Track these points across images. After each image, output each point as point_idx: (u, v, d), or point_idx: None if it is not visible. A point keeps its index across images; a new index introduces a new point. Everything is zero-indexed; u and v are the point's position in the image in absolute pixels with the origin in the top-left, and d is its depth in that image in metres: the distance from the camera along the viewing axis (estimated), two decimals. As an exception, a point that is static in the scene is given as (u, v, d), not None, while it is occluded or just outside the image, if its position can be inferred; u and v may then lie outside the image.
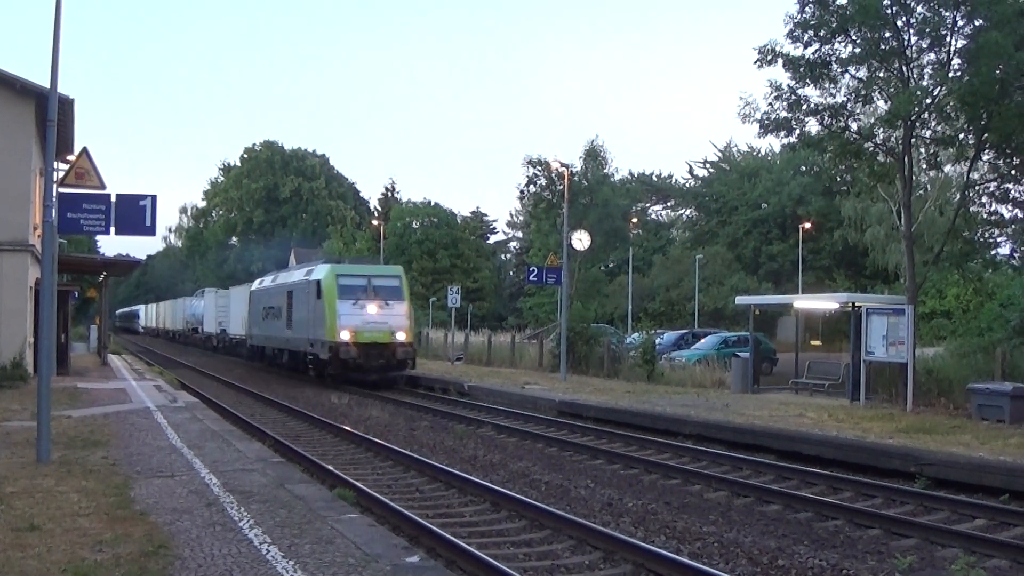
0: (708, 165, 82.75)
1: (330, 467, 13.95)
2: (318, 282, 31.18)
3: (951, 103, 20.71)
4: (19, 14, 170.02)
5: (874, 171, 24.16)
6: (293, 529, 8.29)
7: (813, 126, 22.87)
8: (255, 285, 44.54)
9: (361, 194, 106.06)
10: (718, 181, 77.81)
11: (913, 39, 21.51)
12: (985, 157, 22.98)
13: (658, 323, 57.10)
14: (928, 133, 22.76)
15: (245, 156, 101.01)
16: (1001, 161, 22.74)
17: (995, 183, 23.84)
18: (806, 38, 21.76)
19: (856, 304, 22.98)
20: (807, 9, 21.67)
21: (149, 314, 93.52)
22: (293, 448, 15.95)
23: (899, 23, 21.14)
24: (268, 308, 39.06)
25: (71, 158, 23.98)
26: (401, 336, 29.94)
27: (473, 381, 29.27)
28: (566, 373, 29.86)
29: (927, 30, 21.03)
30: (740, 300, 30.64)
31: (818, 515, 11.44)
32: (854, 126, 23.01)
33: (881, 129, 22.36)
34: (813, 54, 21.85)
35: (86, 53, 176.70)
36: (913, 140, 22.06)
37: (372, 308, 29.85)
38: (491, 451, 16.73)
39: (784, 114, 22.53)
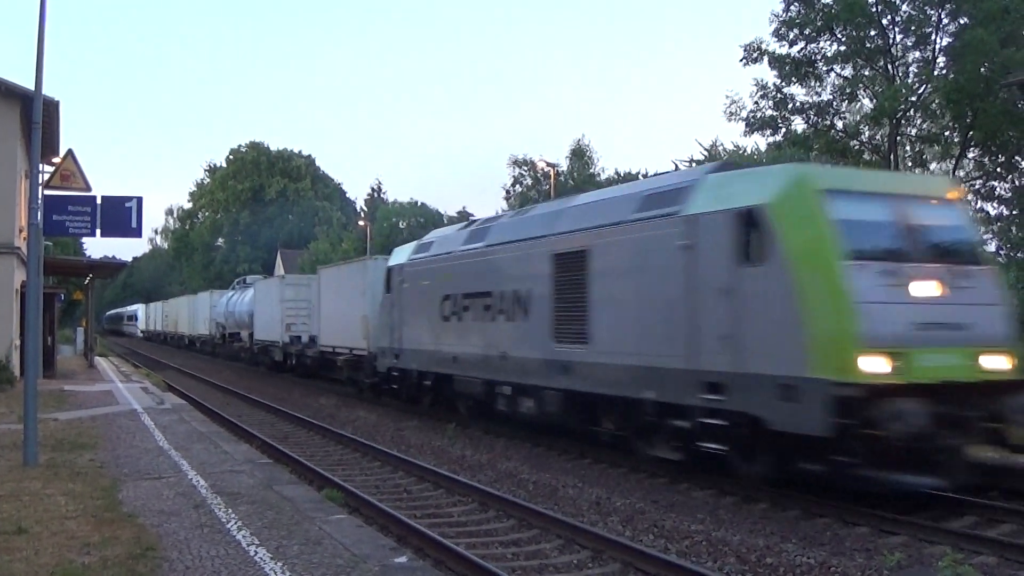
0: (694, 164, 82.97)
1: (318, 468, 13.92)
2: (749, 212, 11.48)
3: (936, 101, 20.86)
4: (3, 16, 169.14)
5: (860, 169, 24.25)
6: (281, 530, 8.27)
7: (799, 124, 23.08)
8: (404, 255, 23.29)
9: (347, 194, 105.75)
10: (705, 180, 77.94)
11: (898, 37, 21.72)
12: (970, 155, 23.17)
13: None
14: (913, 131, 22.94)
15: (231, 157, 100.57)
16: (986, 158, 22.93)
17: (980, 180, 24.01)
18: (792, 36, 21.93)
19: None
20: (792, 7, 21.78)
21: (153, 315, 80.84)
22: (281, 449, 15.90)
23: (884, 21, 21.30)
24: (468, 297, 19.25)
25: (56, 160, 23.90)
26: (1002, 362, 11.16)
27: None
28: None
29: (912, 28, 21.20)
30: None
31: (806, 513, 11.46)
32: (840, 124, 23.16)
33: (867, 127, 22.51)
34: (799, 52, 22.02)
35: (71, 55, 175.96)
36: (899, 138, 22.20)
37: (929, 286, 11.03)
38: (479, 451, 16.69)
39: (770, 112, 22.71)
